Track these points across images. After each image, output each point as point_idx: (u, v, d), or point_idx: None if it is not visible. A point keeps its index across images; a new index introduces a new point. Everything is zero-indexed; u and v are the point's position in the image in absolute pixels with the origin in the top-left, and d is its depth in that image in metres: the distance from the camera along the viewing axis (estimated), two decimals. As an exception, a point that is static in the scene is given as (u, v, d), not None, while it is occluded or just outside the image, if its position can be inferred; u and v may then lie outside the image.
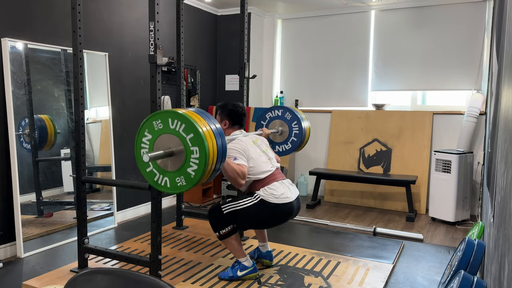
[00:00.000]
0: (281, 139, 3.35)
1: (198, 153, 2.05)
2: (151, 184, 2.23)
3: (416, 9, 4.97)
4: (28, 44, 3.26)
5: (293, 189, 2.67)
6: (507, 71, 1.46)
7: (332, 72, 5.48)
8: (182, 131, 2.07)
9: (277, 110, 3.36)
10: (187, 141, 2.07)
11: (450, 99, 4.99)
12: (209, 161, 2.05)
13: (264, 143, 2.83)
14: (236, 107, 2.79)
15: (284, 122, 3.33)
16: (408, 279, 2.89)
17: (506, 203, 1.20)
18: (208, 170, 2.08)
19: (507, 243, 1.10)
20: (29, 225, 3.31)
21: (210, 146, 2.06)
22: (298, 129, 3.29)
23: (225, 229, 2.56)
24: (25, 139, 3.26)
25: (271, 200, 2.52)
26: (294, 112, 3.31)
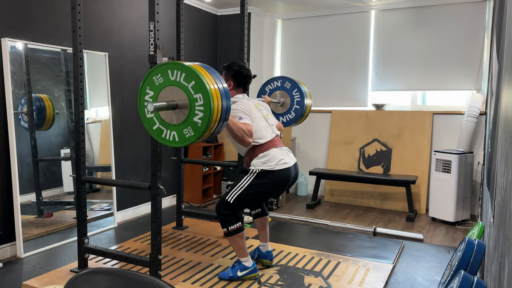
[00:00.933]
0: (284, 110, 3.30)
1: (202, 99, 2.03)
2: (159, 141, 2.21)
3: (416, 9, 4.97)
4: (28, 44, 3.26)
5: (291, 156, 2.69)
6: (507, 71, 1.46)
7: (332, 72, 5.48)
8: (183, 80, 2.07)
9: (275, 81, 3.31)
10: (190, 90, 2.05)
11: (450, 99, 4.99)
12: (214, 106, 2.03)
13: (265, 109, 2.81)
14: (242, 68, 2.75)
15: (284, 92, 3.28)
16: (408, 279, 2.89)
17: (506, 203, 1.20)
18: (214, 118, 2.06)
19: (507, 243, 1.10)
20: (29, 225, 3.31)
21: (213, 90, 2.04)
22: (299, 97, 3.24)
23: (234, 226, 2.56)
24: (23, 117, 3.24)
25: (267, 168, 2.53)
26: (293, 80, 3.26)
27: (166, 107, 2.09)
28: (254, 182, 2.54)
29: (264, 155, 2.56)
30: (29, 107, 3.30)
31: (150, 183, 2.46)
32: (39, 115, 3.39)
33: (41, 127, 3.43)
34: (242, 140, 2.48)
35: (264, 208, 2.90)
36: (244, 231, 2.61)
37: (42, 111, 3.40)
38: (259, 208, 2.88)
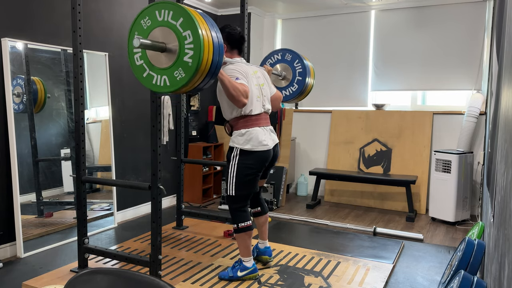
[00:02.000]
0: (286, 83, 3.26)
1: (191, 36, 1.97)
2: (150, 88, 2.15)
3: (416, 9, 4.97)
4: (28, 44, 3.26)
5: (274, 137, 2.68)
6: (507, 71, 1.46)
7: (332, 72, 5.48)
8: (171, 19, 2.01)
9: (276, 54, 3.26)
10: (178, 28, 2.00)
11: (450, 99, 4.99)
12: (204, 41, 1.96)
13: (263, 76, 2.74)
14: (233, 29, 2.69)
15: (286, 65, 3.22)
16: (408, 279, 2.89)
17: (506, 203, 1.20)
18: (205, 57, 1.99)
19: (507, 243, 1.10)
20: (29, 225, 3.31)
21: (202, 26, 1.98)
22: (301, 67, 3.19)
23: (244, 223, 2.57)
24: (14, 99, 3.20)
25: (247, 148, 2.53)
26: (293, 52, 3.21)
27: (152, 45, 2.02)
28: (240, 162, 2.53)
29: (245, 133, 2.53)
30: (29, 107, 3.30)
31: (150, 183, 2.46)
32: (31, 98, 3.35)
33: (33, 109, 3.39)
34: (237, 100, 2.42)
35: (264, 206, 2.90)
36: (252, 231, 2.62)
37: (34, 93, 3.37)
38: (259, 207, 2.88)
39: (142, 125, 4.34)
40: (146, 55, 2.11)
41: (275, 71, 3.21)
